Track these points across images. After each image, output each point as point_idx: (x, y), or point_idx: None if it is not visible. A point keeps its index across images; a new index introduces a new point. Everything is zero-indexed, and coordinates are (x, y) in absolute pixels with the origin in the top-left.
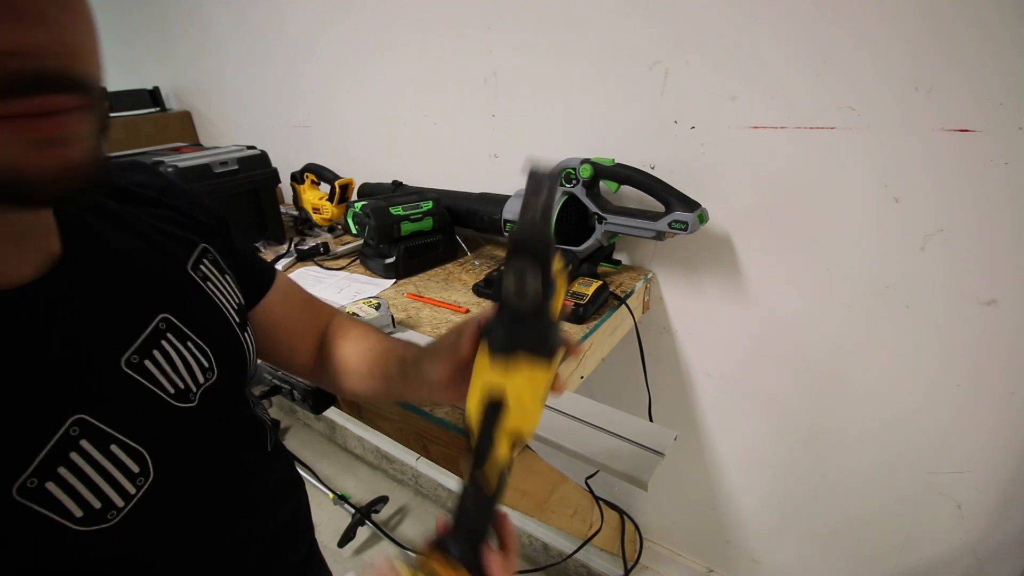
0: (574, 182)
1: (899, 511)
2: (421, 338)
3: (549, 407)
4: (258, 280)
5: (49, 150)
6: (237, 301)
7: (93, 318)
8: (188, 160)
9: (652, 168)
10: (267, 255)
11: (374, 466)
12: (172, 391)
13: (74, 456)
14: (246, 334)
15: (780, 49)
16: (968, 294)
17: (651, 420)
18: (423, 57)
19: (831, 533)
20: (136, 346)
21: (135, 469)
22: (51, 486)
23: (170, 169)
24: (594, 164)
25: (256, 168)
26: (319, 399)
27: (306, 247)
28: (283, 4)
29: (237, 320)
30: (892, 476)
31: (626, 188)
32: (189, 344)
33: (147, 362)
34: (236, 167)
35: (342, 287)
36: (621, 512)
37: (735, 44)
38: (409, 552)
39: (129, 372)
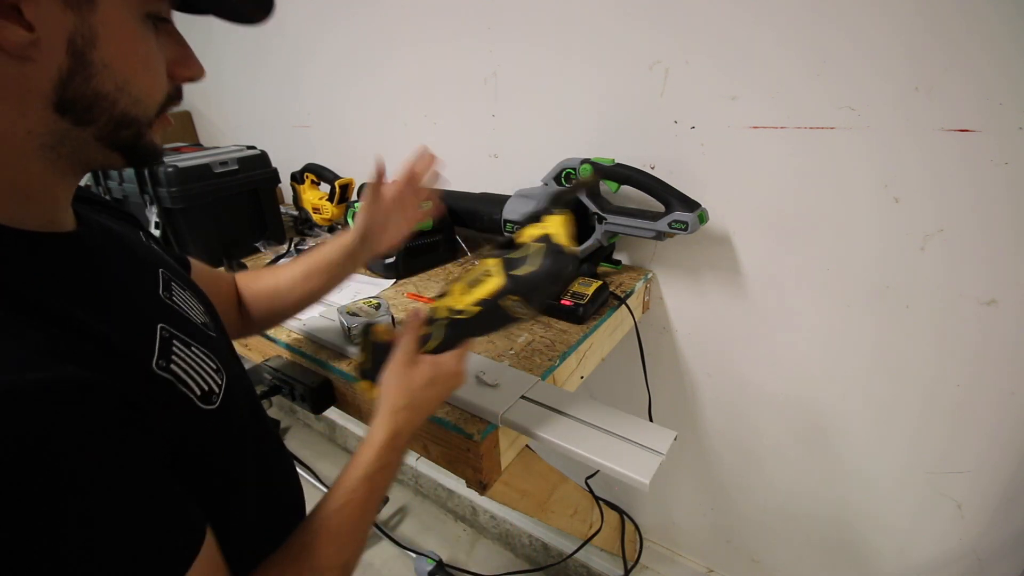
0: (574, 182)
1: (899, 511)
2: None
3: (549, 407)
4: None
5: (160, 133)
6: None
7: (127, 264)
8: (188, 160)
9: (652, 168)
10: (267, 255)
11: None
12: (199, 321)
13: (175, 349)
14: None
15: (780, 49)
16: (968, 294)
17: (651, 420)
18: (423, 57)
19: (831, 533)
20: (161, 287)
21: (214, 366)
22: (174, 367)
23: (170, 169)
24: (594, 164)
25: (256, 168)
26: (319, 399)
27: (306, 247)
28: (283, 4)
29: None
30: (892, 476)
31: (626, 188)
32: (189, 293)
33: (174, 298)
34: (236, 167)
35: (342, 287)
36: (621, 512)
37: (735, 44)
38: (409, 552)
39: (168, 302)
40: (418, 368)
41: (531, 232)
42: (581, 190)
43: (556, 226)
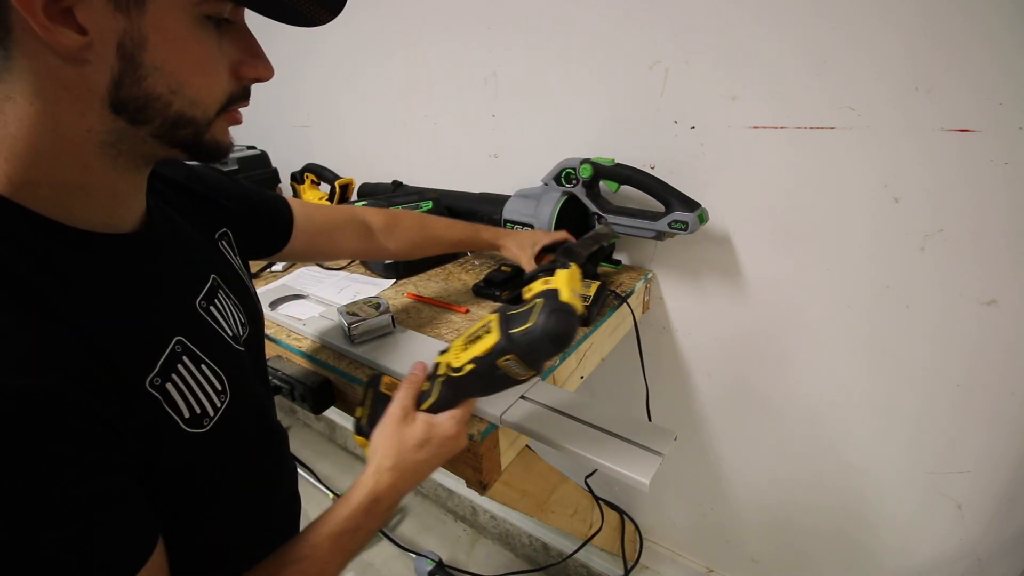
0: (574, 182)
1: (899, 511)
2: (423, 338)
3: (549, 407)
4: (284, 220)
5: (229, 132)
6: (247, 273)
7: (175, 268)
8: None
9: (652, 168)
10: None
11: None
12: (230, 334)
13: (180, 367)
14: (257, 297)
15: (780, 49)
16: (968, 294)
17: (650, 420)
18: (423, 57)
19: (831, 533)
20: (203, 294)
21: (219, 387)
22: (169, 386)
23: None
24: (594, 164)
25: (256, 168)
26: (319, 399)
27: None
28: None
29: (251, 285)
30: (892, 476)
31: (626, 188)
32: (231, 303)
33: (212, 308)
34: (236, 167)
35: (342, 287)
36: (621, 512)
37: (735, 44)
38: (409, 552)
39: (201, 313)
40: (411, 427)
41: (536, 287)
42: (599, 244)
43: (562, 281)
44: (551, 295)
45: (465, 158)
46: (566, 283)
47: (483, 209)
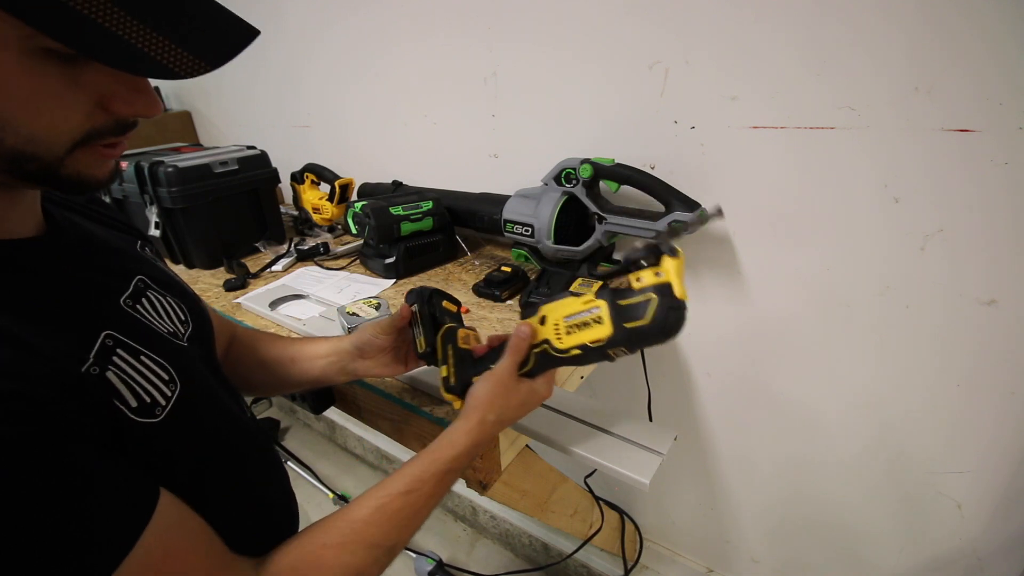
0: (574, 182)
1: (899, 511)
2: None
3: (549, 407)
4: None
5: (107, 164)
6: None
7: (90, 269)
8: (188, 160)
9: (652, 168)
10: (267, 255)
11: (374, 466)
12: (168, 330)
13: (115, 359)
14: (199, 297)
15: (780, 49)
16: (968, 294)
17: (651, 420)
18: (423, 57)
19: (831, 533)
20: (128, 294)
21: (164, 376)
22: (110, 375)
23: (170, 169)
24: (594, 164)
25: (256, 168)
26: (319, 399)
27: (306, 247)
28: (283, 4)
29: (188, 287)
30: (892, 476)
31: (626, 188)
32: (166, 302)
33: (139, 307)
34: (236, 167)
35: (342, 287)
36: (621, 512)
37: (735, 44)
38: (409, 552)
39: (128, 310)
40: (517, 391)
41: (648, 278)
42: (696, 228)
43: (675, 274)
44: (666, 291)
45: (465, 158)
46: (678, 275)
47: (483, 209)
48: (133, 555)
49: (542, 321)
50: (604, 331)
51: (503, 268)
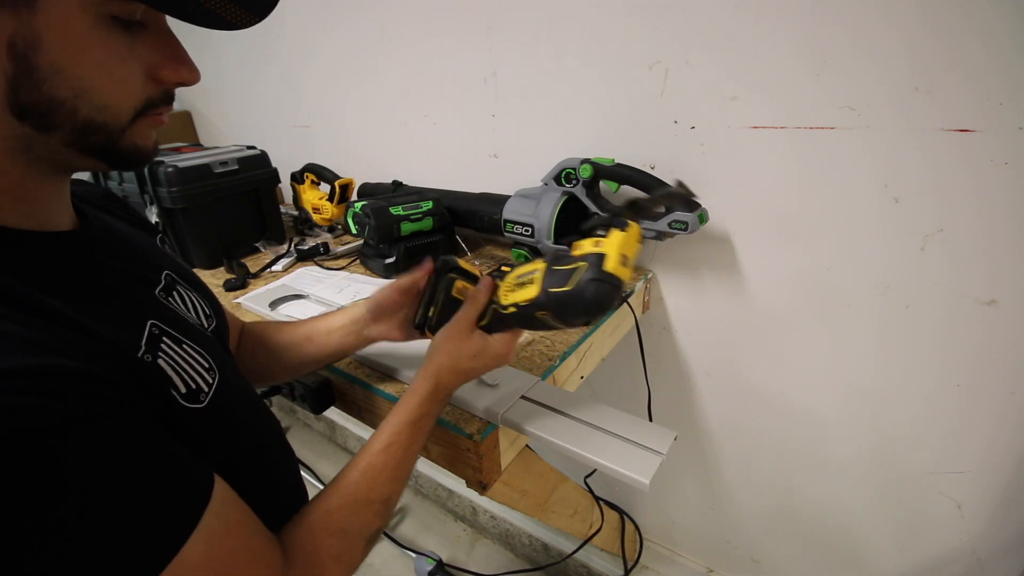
0: (574, 182)
1: (899, 511)
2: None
3: (549, 407)
4: None
5: (153, 135)
6: None
7: (125, 262)
8: (188, 160)
9: (652, 168)
10: (267, 255)
11: None
12: (198, 323)
13: (163, 346)
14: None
15: (780, 49)
16: (968, 294)
17: (651, 420)
18: (423, 57)
19: (831, 533)
20: (161, 286)
21: (206, 364)
22: (160, 362)
23: (170, 169)
24: (594, 164)
25: (256, 168)
26: (319, 399)
27: (306, 247)
28: (283, 4)
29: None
30: (892, 476)
31: (626, 188)
32: (191, 296)
33: (171, 300)
34: (236, 167)
35: (342, 287)
36: (621, 512)
37: (735, 44)
38: (409, 552)
39: (164, 302)
40: (471, 340)
41: (586, 246)
42: (671, 204)
43: (613, 246)
44: (596, 261)
45: (465, 158)
46: (617, 248)
47: (483, 209)
48: (199, 528)
49: (503, 278)
50: (532, 292)
51: (503, 268)
